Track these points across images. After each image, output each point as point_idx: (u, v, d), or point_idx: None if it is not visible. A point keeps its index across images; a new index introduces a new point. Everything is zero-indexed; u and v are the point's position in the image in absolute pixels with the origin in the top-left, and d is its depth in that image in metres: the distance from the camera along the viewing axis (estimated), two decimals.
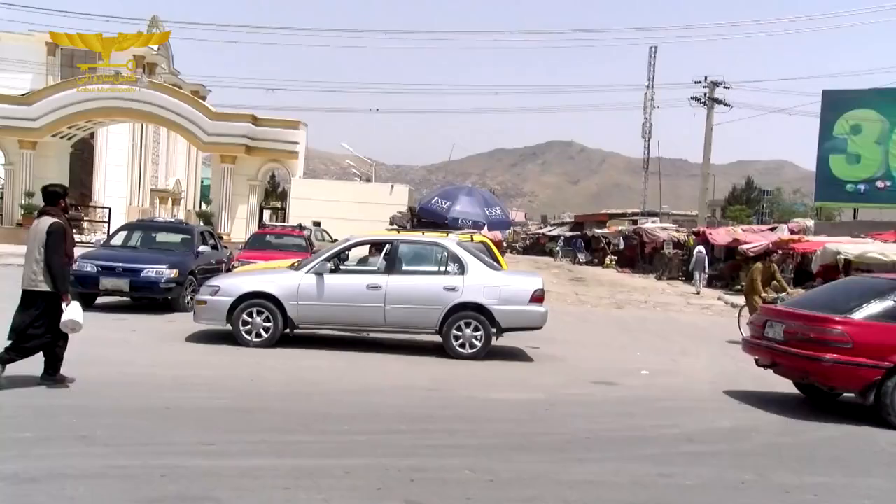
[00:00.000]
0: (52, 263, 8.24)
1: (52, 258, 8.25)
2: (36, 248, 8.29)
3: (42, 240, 8.27)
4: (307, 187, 34.32)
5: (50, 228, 8.29)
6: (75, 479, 5.42)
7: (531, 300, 11.71)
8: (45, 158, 34.11)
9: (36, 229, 8.44)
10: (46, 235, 8.26)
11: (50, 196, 8.74)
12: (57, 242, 8.30)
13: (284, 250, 19.20)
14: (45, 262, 8.24)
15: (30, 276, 8.32)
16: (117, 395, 8.20)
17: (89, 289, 14.65)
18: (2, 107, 33.50)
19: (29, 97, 33.88)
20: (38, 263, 8.26)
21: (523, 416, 8.41)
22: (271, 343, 11.36)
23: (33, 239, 8.39)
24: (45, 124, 33.23)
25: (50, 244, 8.25)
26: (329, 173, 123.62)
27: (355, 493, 5.48)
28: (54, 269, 8.25)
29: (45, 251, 8.24)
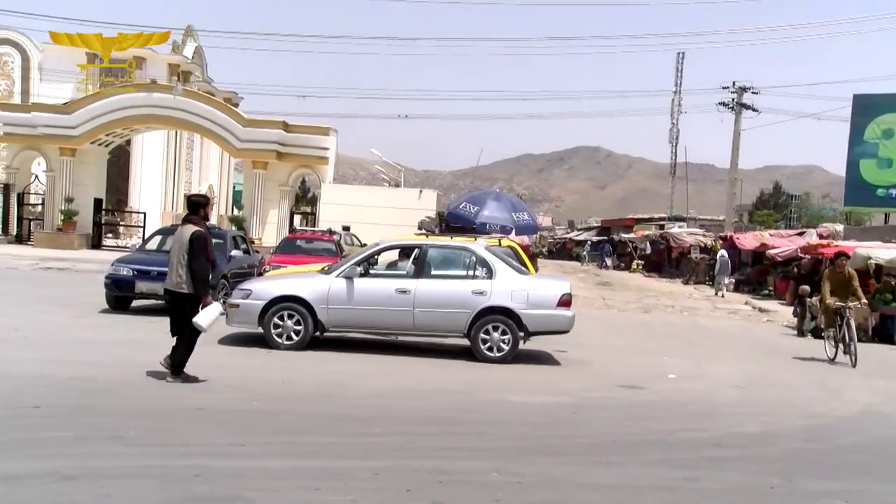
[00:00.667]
0: (194, 268, 8.90)
1: (194, 263, 8.90)
2: (179, 253, 8.96)
3: (185, 246, 8.92)
4: (337, 192, 34.41)
5: (192, 236, 8.94)
6: (111, 478, 5.48)
7: (559, 304, 11.66)
8: (84, 165, 34.53)
9: (179, 237, 9.10)
10: (189, 243, 8.91)
11: (192, 205, 9.42)
12: (199, 249, 8.93)
13: (315, 255, 19.28)
14: (188, 267, 8.90)
15: (174, 279, 9.02)
16: (151, 395, 8.27)
17: (125, 292, 14.85)
18: (44, 116, 33.99)
19: (69, 106, 34.32)
20: (181, 268, 8.93)
21: (550, 420, 8.37)
22: (302, 346, 11.40)
23: (177, 245, 9.07)
24: (85, 132, 33.63)
25: (192, 250, 8.91)
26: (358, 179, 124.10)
27: (384, 495, 5.48)
28: (196, 274, 8.90)
29: (188, 257, 8.90)
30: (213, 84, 52.54)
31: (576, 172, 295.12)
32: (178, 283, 9.00)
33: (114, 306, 14.95)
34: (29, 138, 34.36)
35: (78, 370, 9.34)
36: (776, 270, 30.27)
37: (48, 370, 9.22)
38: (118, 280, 14.83)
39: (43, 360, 9.83)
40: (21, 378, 8.69)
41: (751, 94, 44.86)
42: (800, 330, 18.62)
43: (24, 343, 10.99)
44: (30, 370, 9.14)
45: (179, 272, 8.96)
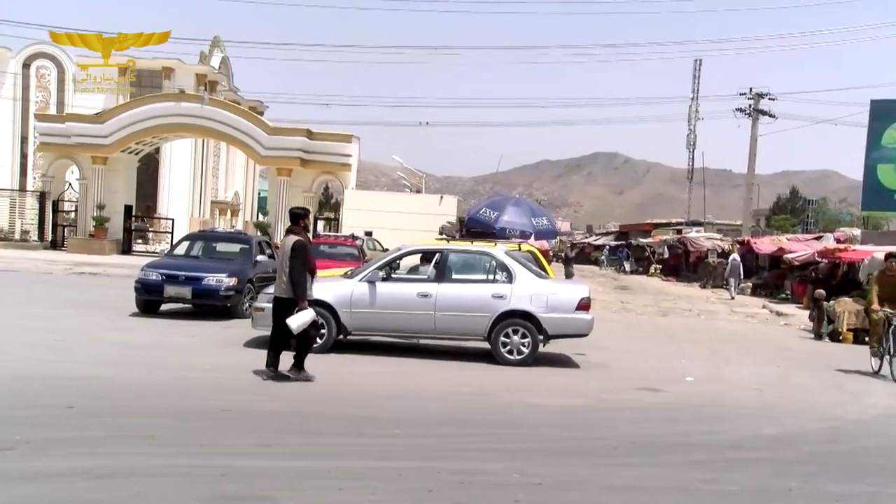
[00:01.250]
0: (293, 276, 9.36)
1: (294, 270, 9.35)
2: (283, 261, 9.52)
3: (288, 254, 9.42)
4: (359, 198, 34.53)
5: (294, 245, 9.42)
6: (142, 477, 5.51)
7: (577, 308, 11.62)
8: (115, 173, 34.88)
9: (284, 246, 9.65)
10: (291, 251, 9.38)
11: (294, 217, 9.92)
12: (299, 257, 9.38)
13: (338, 259, 19.29)
14: (288, 274, 9.36)
15: (280, 285, 9.55)
16: (179, 397, 8.32)
17: (154, 296, 14.94)
18: (78, 126, 34.39)
19: (101, 116, 34.68)
20: (285, 275, 9.43)
21: (570, 422, 8.34)
22: (325, 349, 11.40)
23: (282, 254, 9.65)
24: (116, 141, 33.98)
25: (294, 259, 9.36)
26: (380, 185, 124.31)
27: (407, 495, 5.48)
28: (294, 280, 9.34)
29: (289, 265, 9.38)
30: (239, 93, 52.92)
31: (594, 178, 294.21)
32: (282, 289, 9.52)
33: (143, 310, 15.06)
34: (63, 147, 34.79)
35: (110, 372, 9.42)
36: (793, 274, 30.01)
37: (81, 371, 9.31)
38: (147, 284, 14.94)
39: (76, 362, 9.94)
40: (56, 379, 8.79)
41: (768, 100, 44.57)
42: (817, 333, 18.44)
43: (58, 345, 11.10)
44: (64, 371, 9.24)
45: (283, 279, 9.50)
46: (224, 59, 51.87)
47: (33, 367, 9.49)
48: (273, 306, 9.75)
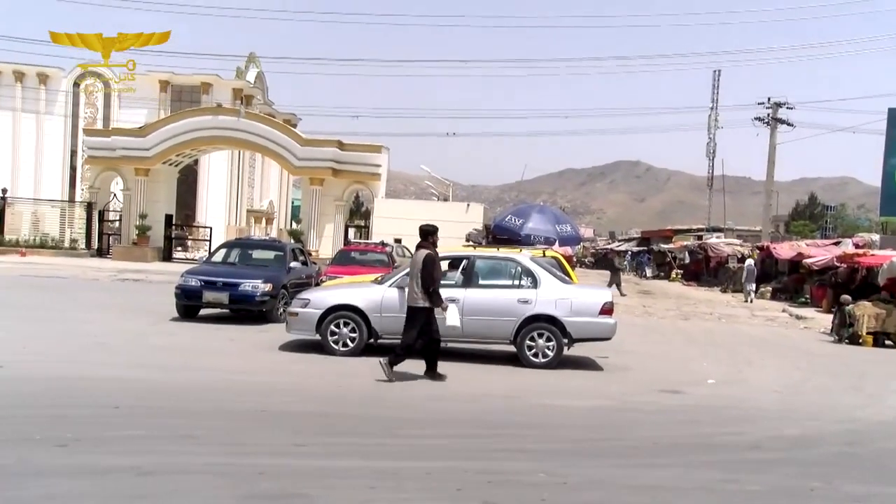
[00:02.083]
0: (426, 286, 9.87)
1: (428, 282, 9.86)
2: (416, 274, 9.95)
3: (420, 267, 9.91)
4: (389, 207, 34.58)
5: (425, 259, 9.96)
6: (183, 474, 5.57)
7: (601, 312, 11.56)
8: (156, 184, 35.27)
9: (415, 259, 10.15)
10: (423, 265, 9.90)
11: (424, 234, 10.47)
12: (430, 270, 9.91)
13: (368, 265, 19.34)
14: (422, 285, 9.85)
15: (413, 295, 10.01)
16: (217, 398, 8.39)
17: (194, 301, 15.04)
18: (122, 139, 34.86)
19: (144, 129, 35.11)
20: (418, 286, 9.90)
21: (594, 423, 8.30)
22: (357, 352, 11.45)
23: (414, 267, 10.10)
24: (157, 153, 34.37)
25: (425, 271, 9.88)
26: (409, 193, 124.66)
27: (436, 494, 5.48)
28: (427, 290, 9.87)
29: (421, 276, 9.87)
30: (273, 106, 53.34)
31: (616, 186, 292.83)
32: (415, 298, 9.97)
33: (183, 315, 15.17)
34: (109, 160, 35.27)
35: (152, 374, 9.53)
36: (812, 279, 29.64)
37: (126, 373, 9.42)
38: (187, 290, 15.05)
39: (121, 365, 10.06)
40: (102, 380, 8.90)
41: (786, 109, 44.09)
42: (840, 336, 18.18)
43: (104, 348, 11.24)
44: (109, 373, 9.35)
45: (416, 289, 9.95)
46: (259, 74, 52.34)
47: (81, 368, 9.63)
48: (407, 315, 10.14)
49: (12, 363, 9.47)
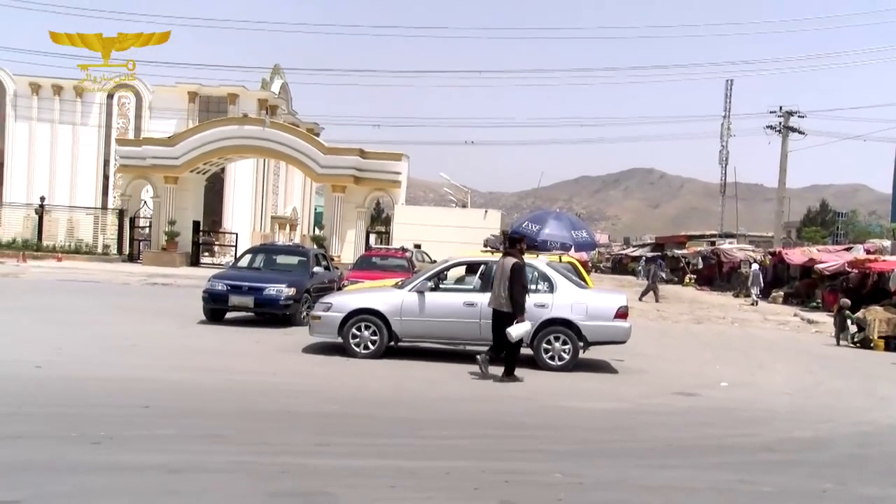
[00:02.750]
0: (514, 293, 10.03)
1: (514, 289, 10.04)
2: (501, 280, 10.15)
3: (507, 274, 10.07)
4: (409, 213, 34.65)
5: (513, 266, 10.11)
6: (211, 473, 5.60)
7: (616, 316, 11.51)
8: (185, 191, 35.55)
9: (502, 266, 10.30)
10: (511, 272, 10.05)
11: (511, 241, 10.88)
12: (517, 277, 10.07)
13: (389, 270, 19.36)
14: (508, 291, 10.03)
15: (497, 299, 10.21)
16: (243, 399, 8.42)
17: (220, 305, 15.11)
18: (152, 149, 35.19)
19: (173, 139, 35.42)
20: (503, 291, 10.08)
21: (609, 425, 8.25)
22: (378, 355, 11.47)
23: (500, 273, 10.26)
24: (185, 162, 34.65)
25: (513, 278, 10.03)
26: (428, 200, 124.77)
27: (454, 493, 5.47)
28: (514, 296, 10.03)
29: (509, 283, 10.02)
30: (297, 116, 53.66)
31: (631, 192, 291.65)
32: (500, 303, 10.14)
33: (210, 318, 15.25)
34: (140, 169, 35.60)
35: (181, 375, 9.59)
36: (824, 284, 29.33)
37: (155, 374, 9.49)
38: (214, 294, 15.13)
39: (151, 366, 10.13)
40: (133, 381, 8.97)
41: (797, 117, 43.76)
42: (837, 339, 18.05)
43: (135, 350, 11.33)
44: (140, 374, 9.42)
45: (502, 294, 10.11)
46: (284, 84, 52.69)
47: (114, 369, 9.71)
48: (493, 319, 10.39)
49: (50, 363, 9.60)
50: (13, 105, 47.74)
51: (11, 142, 47.86)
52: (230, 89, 46.94)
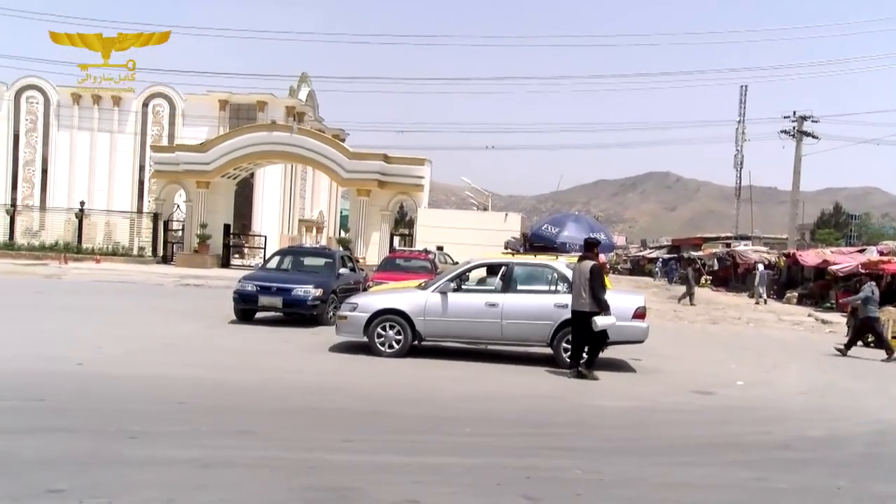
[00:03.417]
0: (595, 293, 10.38)
1: (595, 290, 10.37)
2: (581, 281, 10.46)
3: (587, 276, 10.40)
4: (431, 216, 34.64)
5: (592, 269, 10.46)
6: (241, 467, 5.63)
7: (634, 316, 11.42)
8: (216, 196, 35.79)
9: (580, 269, 10.61)
10: (590, 274, 10.40)
11: (588, 246, 11.17)
12: (597, 278, 10.41)
13: (412, 272, 19.34)
14: (590, 292, 10.35)
15: (578, 300, 10.50)
16: (271, 396, 8.46)
17: (250, 305, 15.18)
18: (185, 154, 35.46)
19: (205, 145, 35.68)
20: (584, 292, 10.40)
21: (627, 423, 8.20)
22: (402, 354, 11.47)
23: (579, 276, 10.57)
24: (216, 167, 34.88)
25: (592, 280, 10.37)
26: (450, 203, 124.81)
27: (477, 489, 5.46)
28: (596, 297, 10.38)
29: (589, 284, 10.35)
30: (323, 122, 53.91)
31: (648, 196, 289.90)
32: (581, 304, 10.43)
33: (240, 318, 15.32)
34: (173, 174, 35.90)
35: (212, 373, 9.65)
36: (838, 285, 28.97)
37: (188, 372, 9.56)
38: (244, 295, 15.20)
39: (184, 364, 10.21)
40: (167, 378, 9.04)
41: (811, 122, 43.22)
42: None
43: (169, 349, 11.43)
44: (174, 372, 9.50)
45: (583, 295, 10.41)
46: (310, 92, 52.96)
47: (149, 367, 9.79)
48: (572, 319, 10.63)
49: (90, 361, 9.73)
50: (56, 115, 48.42)
51: (54, 150, 48.56)
52: (259, 97, 47.26)
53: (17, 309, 15.69)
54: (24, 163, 48.83)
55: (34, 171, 48.94)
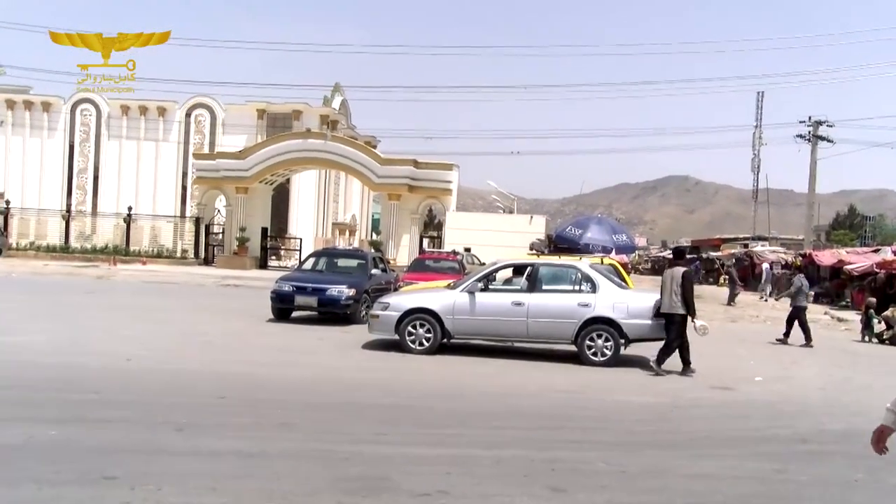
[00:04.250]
0: (687, 297, 10.82)
1: (687, 293, 10.81)
2: (672, 285, 10.85)
3: (678, 281, 10.82)
4: (459, 219, 34.58)
5: (684, 274, 10.95)
6: (280, 458, 5.67)
7: (655, 315, 11.33)
8: (254, 200, 36.06)
9: (672, 274, 11.02)
10: (682, 279, 10.85)
11: (679, 253, 12.05)
12: (688, 284, 10.90)
13: (441, 272, 19.33)
14: (682, 296, 10.76)
15: (672, 304, 10.84)
16: (307, 391, 8.52)
17: (287, 304, 15.27)
18: (225, 162, 35.79)
19: (243, 153, 35.96)
20: (676, 296, 10.79)
21: (649, 417, 8.12)
22: (431, 351, 11.48)
23: (670, 280, 10.95)
24: (254, 173, 35.13)
25: (684, 284, 10.83)
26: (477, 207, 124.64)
27: (505, 480, 5.44)
28: (688, 300, 10.84)
29: (681, 289, 10.77)
30: (355, 130, 54.08)
31: (667, 199, 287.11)
32: (674, 307, 10.79)
33: (278, 316, 15.41)
34: (214, 180, 36.23)
35: (252, 368, 9.74)
36: (853, 284, 28.47)
37: (229, 368, 9.66)
38: (281, 295, 15.29)
39: (226, 360, 10.32)
40: (211, 374, 9.16)
41: (826, 126, 42.56)
42: (863, 336, 17.53)
43: (212, 346, 11.55)
44: (217, 368, 9.62)
45: (675, 299, 10.77)
46: (343, 101, 53.20)
47: (193, 363, 9.92)
48: (666, 321, 10.95)
49: (138, 357, 9.88)
50: (107, 126, 49.20)
51: (105, 158, 49.34)
52: (295, 106, 47.55)
53: (72, 308, 15.95)
54: (78, 171, 49.65)
55: (87, 178, 49.74)
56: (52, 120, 49.19)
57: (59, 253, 35.11)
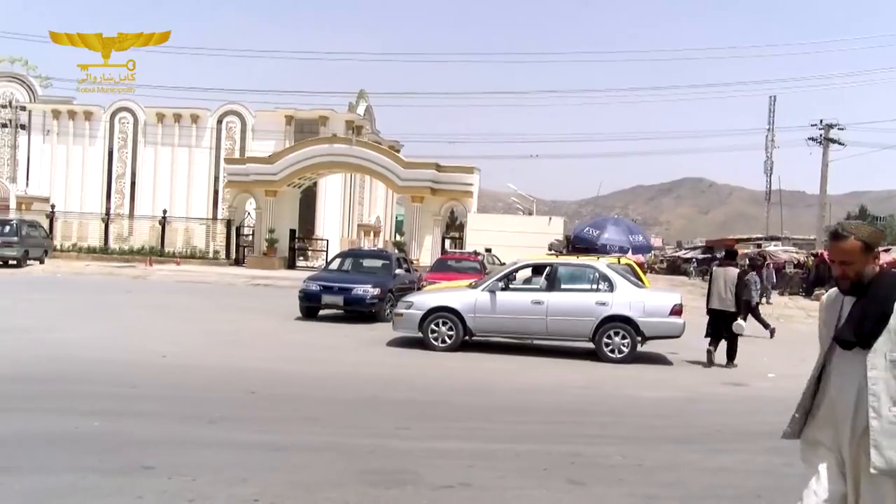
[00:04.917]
0: (740, 295, 11.03)
1: (740, 294, 11.04)
2: (727, 285, 10.98)
3: (733, 281, 10.98)
4: (480, 220, 34.51)
5: (739, 274, 11.21)
6: (307, 451, 5.69)
7: (671, 313, 11.27)
8: (282, 203, 36.22)
9: (726, 274, 11.12)
10: (737, 278, 11.03)
11: (730, 254, 12.21)
12: (742, 282, 11.18)
13: (463, 272, 19.32)
14: (735, 294, 10.92)
15: (723, 302, 10.99)
16: (334, 386, 8.54)
17: (314, 303, 15.34)
18: (254, 166, 35.98)
19: (272, 158, 36.15)
20: (730, 293, 10.93)
21: (665, 412, 8.06)
22: (454, 348, 11.48)
23: (722, 279, 11.06)
24: (283, 177, 35.29)
25: (738, 284, 11.02)
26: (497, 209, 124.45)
27: (525, 473, 5.42)
28: (740, 299, 11.04)
29: (735, 288, 10.95)
30: (379, 135, 54.19)
31: (682, 200, 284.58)
32: (726, 304, 10.96)
33: (305, 315, 15.47)
34: (244, 184, 36.45)
35: (280, 365, 9.80)
36: None
37: (258, 364, 9.72)
38: (309, 294, 15.37)
39: (256, 357, 10.39)
40: (241, 370, 9.22)
41: (837, 129, 41.95)
42: None
43: (243, 343, 11.66)
44: (247, 364, 9.68)
45: (728, 297, 10.93)
46: (368, 107, 53.34)
47: (224, 359, 10.00)
48: (721, 319, 11.08)
49: (173, 354, 9.98)
50: (143, 132, 49.81)
51: (141, 164, 49.96)
52: (321, 112, 47.75)
53: (110, 307, 16.16)
54: (116, 176, 50.28)
55: (124, 183, 50.36)
56: (92, 128, 49.88)
57: (98, 254, 35.56)
